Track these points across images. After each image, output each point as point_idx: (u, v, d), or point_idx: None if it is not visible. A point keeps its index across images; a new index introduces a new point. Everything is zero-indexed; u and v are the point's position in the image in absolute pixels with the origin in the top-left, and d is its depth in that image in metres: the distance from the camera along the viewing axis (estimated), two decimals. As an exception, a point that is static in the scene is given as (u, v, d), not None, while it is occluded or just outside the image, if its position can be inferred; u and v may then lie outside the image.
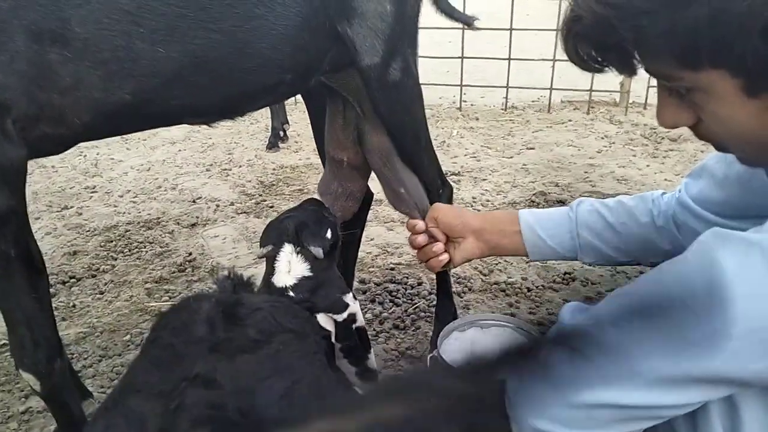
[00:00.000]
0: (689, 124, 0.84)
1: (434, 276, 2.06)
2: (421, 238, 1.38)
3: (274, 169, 3.44)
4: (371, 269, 2.34)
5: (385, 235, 2.60)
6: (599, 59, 0.83)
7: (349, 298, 1.30)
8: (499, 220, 1.35)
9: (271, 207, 2.96)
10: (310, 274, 1.37)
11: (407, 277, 2.26)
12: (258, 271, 2.38)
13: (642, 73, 0.83)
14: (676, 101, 0.81)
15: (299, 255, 1.38)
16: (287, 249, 1.38)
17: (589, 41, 0.81)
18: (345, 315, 1.27)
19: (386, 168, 1.58)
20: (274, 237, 1.40)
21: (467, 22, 1.76)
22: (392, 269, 2.34)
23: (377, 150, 1.58)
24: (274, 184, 3.23)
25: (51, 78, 1.07)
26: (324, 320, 1.30)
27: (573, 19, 0.80)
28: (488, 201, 2.89)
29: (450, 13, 1.72)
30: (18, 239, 1.14)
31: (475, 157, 3.45)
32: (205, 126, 4.37)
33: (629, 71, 0.82)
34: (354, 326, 1.30)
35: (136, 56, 1.11)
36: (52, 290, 2.29)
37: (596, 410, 0.74)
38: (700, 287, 0.68)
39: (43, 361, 1.22)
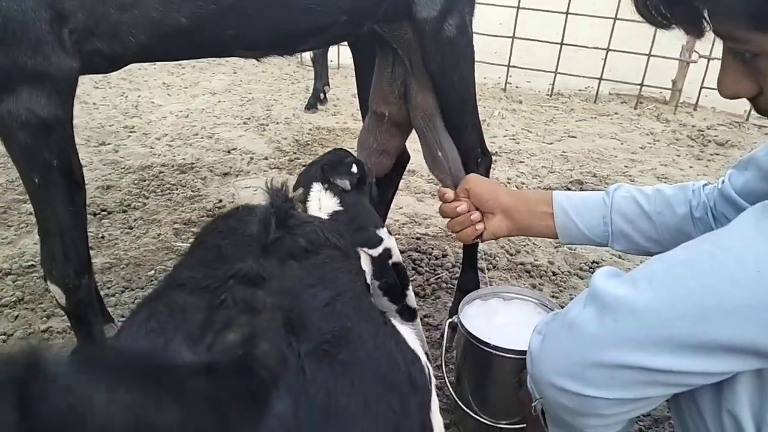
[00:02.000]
0: (750, 94, 0.79)
1: (459, 250, 2.04)
2: (459, 207, 1.35)
3: (310, 130, 3.43)
4: (397, 236, 2.32)
5: (414, 206, 2.58)
6: (667, 14, 0.79)
7: (383, 232, 1.28)
8: (532, 200, 1.30)
9: (304, 165, 2.94)
10: (341, 207, 1.36)
11: (432, 248, 2.24)
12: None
13: (694, 73, 0.79)
14: (739, 67, 0.77)
15: (328, 191, 1.37)
16: (316, 188, 1.38)
17: None
18: (380, 249, 1.25)
19: (428, 128, 1.55)
20: (302, 181, 1.41)
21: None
22: (418, 239, 2.32)
23: (421, 108, 1.55)
24: (309, 144, 3.22)
25: (110, -8, 1.07)
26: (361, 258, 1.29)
27: None
28: (523, 183, 2.85)
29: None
30: (61, 150, 1.15)
31: (514, 139, 3.40)
32: (246, 80, 4.37)
33: (697, 31, 0.78)
34: (390, 262, 1.29)
35: (194, -23, 1.10)
36: (83, 220, 2.33)
37: (620, 371, 0.73)
38: (742, 254, 0.65)
39: (71, 275, 1.23)
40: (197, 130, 3.34)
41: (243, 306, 0.58)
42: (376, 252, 1.25)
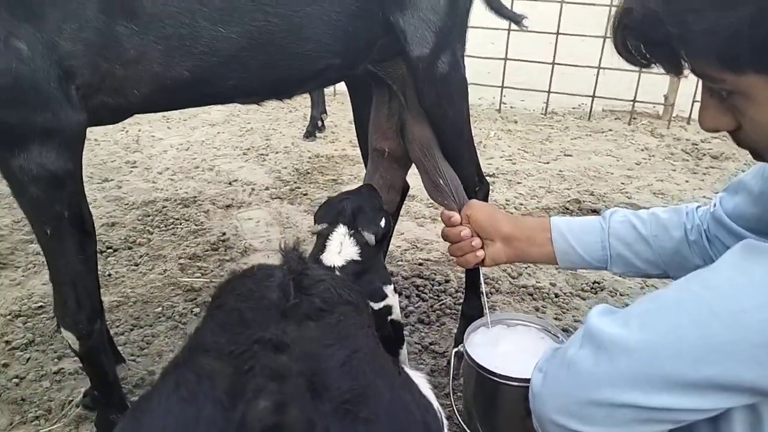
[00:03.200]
0: (729, 128, 0.83)
1: (462, 275, 2.07)
2: (462, 232, 1.38)
3: (309, 158, 3.48)
4: (399, 263, 2.35)
5: (415, 231, 2.62)
6: (647, 54, 0.83)
7: (389, 289, 1.32)
8: (530, 227, 1.33)
9: (305, 195, 2.99)
10: (359, 258, 1.39)
11: (435, 274, 2.27)
12: (289, 256, 2.43)
13: (686, 86, 0.83)
14: (717, 104, 0.81)
15: (352, 238, 1.40)
16: (341, 230, 1.41)
17: (638, 35, 0.81)
18: (381, 305, 1.29)
19: (426, 158, 1.59)
20: (330, 216, 1.43)
21: (516, 20, 1.76)
22: (420, 264, 2.35)
23: (418, 140, 1.59)
24: (309, 173, 3.26)
25: (116, 49, 1.12)
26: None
27: (624, 11, 0.81)
28: (522, 204, 2.88)
29: (499, 9, 1.72)
30: (72, 202, 1.19)
31: (511, 159, 3.44)
32: (244, 110, 4.42)
33: (676, 70, 0.82)
34: (389, 318, 1.32)
35: (198, 34, 1.15)
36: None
37: (617, 409, 0.75)
38: (727, 294, 0.68)
39: (84, 322, 1.26)
40: (198, 162, 3.38)
41: (270, 373, 0.61)
42: (377, 306, 1.29)
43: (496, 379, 1.27)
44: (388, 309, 1.35)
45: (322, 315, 0.73)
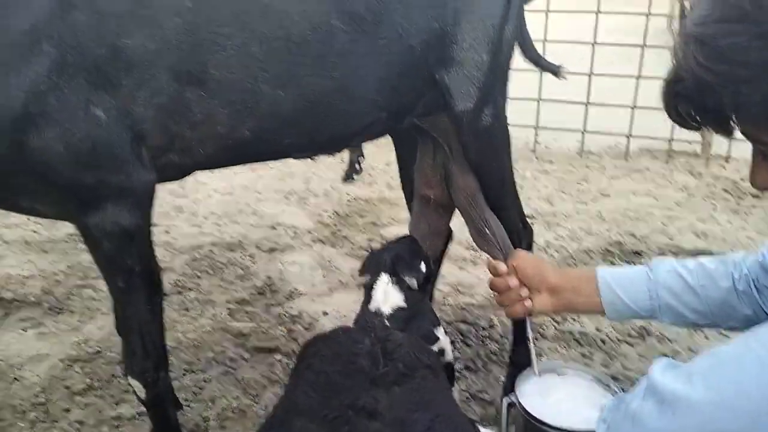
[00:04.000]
0: None
1: (507, 319, 2.08)
2: (510, 282, 1.41)
3: (348, 201, 3.55)
4: (443, 307, 2.37)
5: (456, 274, 2.64)
6: (698, 119, 0.86)
7: (440, 331, 1.35)
8: (576, 278, 1.35)
9: (346, 237, 3.05)
10: (405, 305, 1.44)
11: (479, 319, 2.29)
12: (333, 300, 2.48)
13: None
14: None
15: (395, 285, 1.46)
16: (384, 279, 1.46)
17: (690, 102, 0.84)
18: (435, 348, 1.31)
19: (471, 207, 1.63)
20: (372, 267, 1.50)
21: (554, 71, 1.81)
22: (463, 309, 2.36)
23: (463, 189, 1.64)
24: (348, 215, 3.33)
25: (185, 113, 1.20)
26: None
27: (675, 79, 0.84)
28: (562, 247, 2.88)
29: (537, 61, 1.78)
30: (142, 256, 1.26)
31: (548, 200, 3.45)
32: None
33: (726, 133, 0.85)
34: (443, 360, 1.34)
35: (259, 98, 1.23)
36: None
37: None
38: None
39: (151, 370, 1.32)
40: (242, 206, 3.49)
41: None
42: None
43: (549, 430, 1.27)
44: (441, 351, 1.37)
45: (406, 380, 0.77)
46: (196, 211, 3.47)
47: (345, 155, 4.06)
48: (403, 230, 3.07)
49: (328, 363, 0.80)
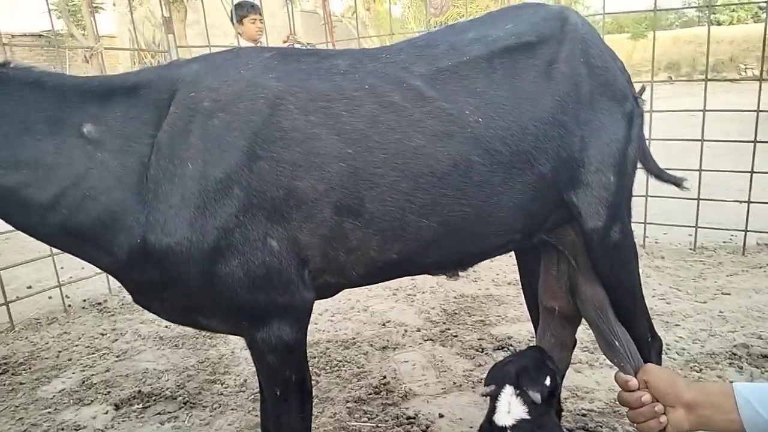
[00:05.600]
0: None
1: (630, 427, 2.01)
2: (643, 398, 1.41)
3: (455, 298, 3.61)
4: (562, 413, 2.33)
5: (573, 377, 2.60)
6: None
7: None
8: (713, 393, 1.33)
9: (455, 336, 3.10)
10: (528, 417, 1.48)
11: (601, 426, 2.23)
12: (448, 402, 2.50)
13: None
14: None
15: (519, 397, 1.50)
16: (508, 390, 1.52)
17: None
18: None
19: (600, 320, 1.66)
20: (497, 378, 1.55)
21: (677, 184, 1.85)
22: (584, 416, 2.31)
23: (591, 301, 1.67)
24: (456, 313, 3.39)
25: (342, 241, 1.36)
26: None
27: None
28: (683, 350, 2.77)
29: (659, 174, 1.84)
30: (299, 367, 1.40)
31: (664, 299, 3.35)
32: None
33: None
34: None
35: (406, 225, 1.37)
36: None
37: None
38: None
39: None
40: (353, 303, 3.64)
41: None
42: None
43: None
44: None
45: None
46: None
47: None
48: (513, 329, 3.11)
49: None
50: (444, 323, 3.27)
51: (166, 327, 3.46)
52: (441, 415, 2.41)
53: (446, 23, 5.34)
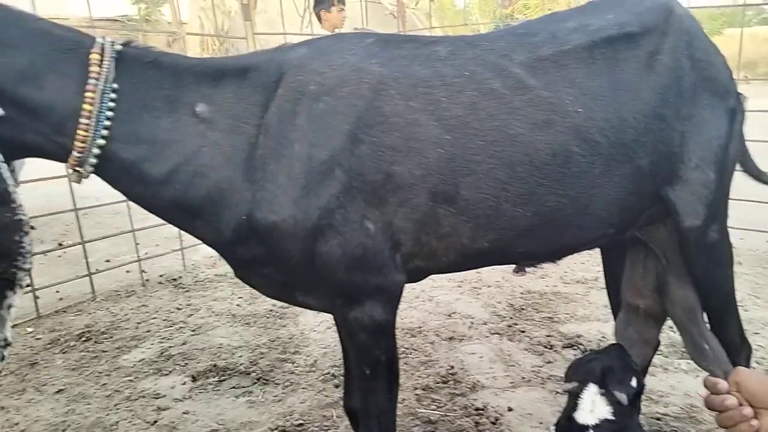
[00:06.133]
0: None
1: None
2: (727, 401, 1.36)
3: (522, 293, 3.58)
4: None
5: (647, 380, 2.53)
6: None
7: None
8: None
9: (523, 332, 3.07)
10: (612, 417, 1.45)
11: (676, 431, 2.17)
12: (517, 396, 2.49)
13: None
14: None
15: (603, 397, 1.48)
16: (592, 389, 1.49)
17: None
18: None
19: (690, 321, 1.62)
20: (580, 375, 1.53)
21: (775, 186, 1.78)
22: (659, 419, 2.26)
23: (681, 302, 1.64)
24: (523, 308, 3.36)
25: (434, 227, 1.37)
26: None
27: None
28: (763, 359, 2.67)
29: (759, 176, 1.77)
30: (388, 347, 1.43)
31: (742, 306, 3.18)
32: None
33: None
34: None
35: (500, 214, 1.37)
36: (333, 382, 2.65)
37: None
38: None
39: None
40: (417, 293, 3.66)
41: None
42: None
43: None
44: None
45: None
46: (374, 294, 3.70)
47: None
48: (582, 328, 3.06)
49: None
50: (511, 318, 3.25)
51: (238, 305, 3.58)
52: (510, 409, 2.40)
53: (513, 15, 5.28)
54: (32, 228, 1.17)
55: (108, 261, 4.43)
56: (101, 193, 2.34)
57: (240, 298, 3.71)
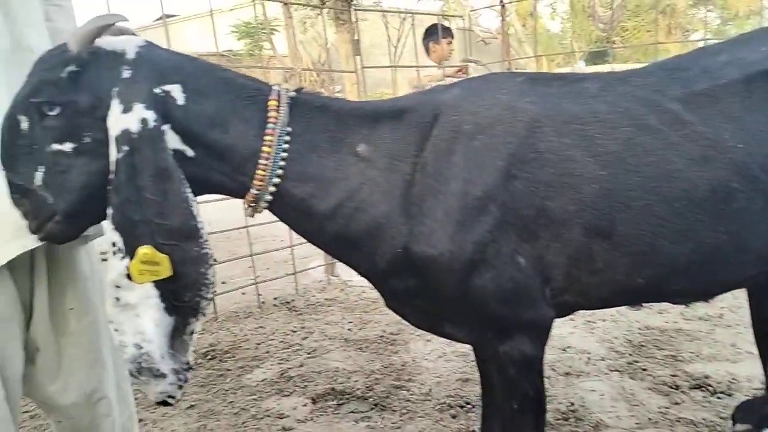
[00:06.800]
0: None
1: None
2: None
3: (640, 329, 3.44)
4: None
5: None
6: None
7: None
8: None
9: (645, 370, 2.94)
10: None
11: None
12: (647, 437, 2.39)
13: None
14: None
15: None
16: None
17: None
18: None
19: None
20: (751, 418, 1.47)
21: None
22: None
23: None
24: (643, 345, 3.22)
25: (587, 262, 1.37)
26: None
27: None
28: None
29: None
30: (536, 382, 1.43)
31: None
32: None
33: None
34: None
35: (657, 250, 1.35)
36: (450, 412, 2.65)
37: None
38: None
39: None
40: (528, 325, 3.60)
41: None
42: None
43: None
44: None
45: None
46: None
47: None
48: (710, 368, 2.89)
49: None
50: (630, 355, 3.13)
51: (349, 329, 3.68)
52: (638, 451, 2.31)
53: (611, 38, 5.23)
54: (216, 261, 1.29)
55: (224, 283, 4.69)
56: (212, 219, 2.51)
57: (350, 322, 3.81)
